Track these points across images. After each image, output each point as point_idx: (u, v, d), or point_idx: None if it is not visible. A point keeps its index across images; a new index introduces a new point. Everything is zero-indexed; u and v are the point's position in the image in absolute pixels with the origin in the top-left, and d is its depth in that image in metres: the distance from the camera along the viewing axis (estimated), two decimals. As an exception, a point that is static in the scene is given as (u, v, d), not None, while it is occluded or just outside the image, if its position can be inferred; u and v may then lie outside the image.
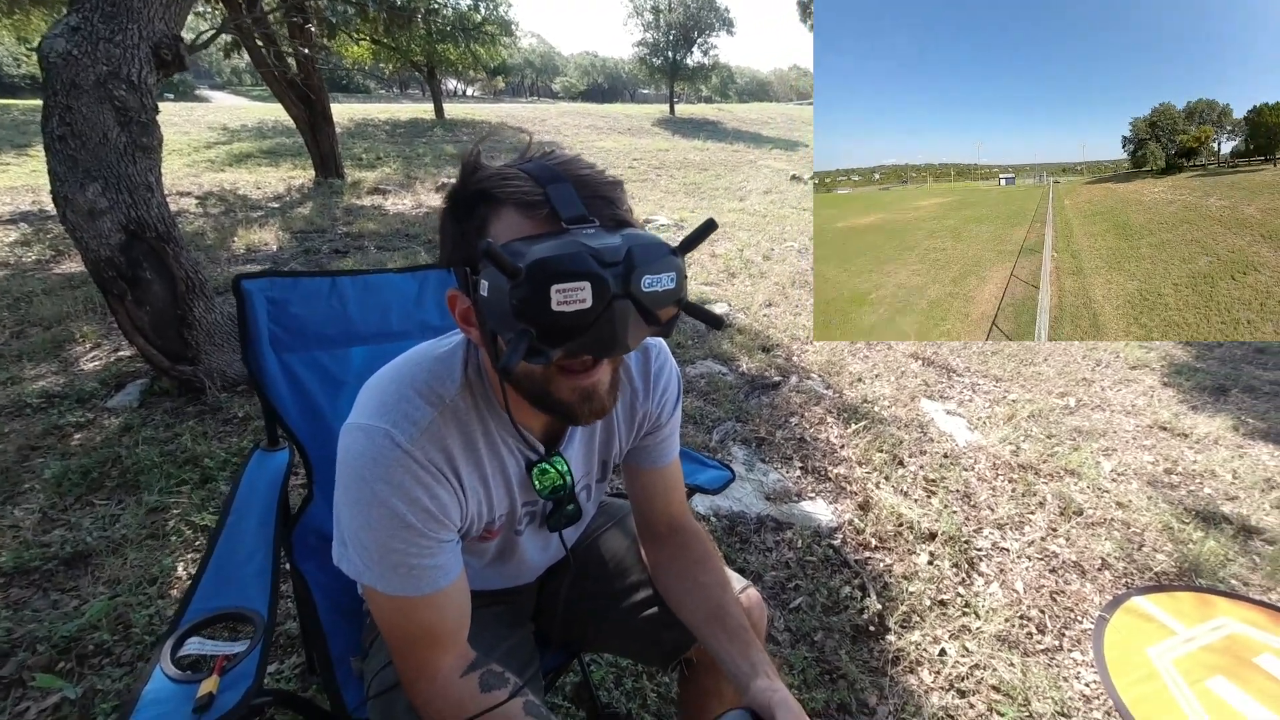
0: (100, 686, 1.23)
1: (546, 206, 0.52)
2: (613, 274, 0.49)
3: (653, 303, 0.51)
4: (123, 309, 2.07)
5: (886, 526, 1.87)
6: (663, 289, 0.52)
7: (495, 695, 0.65)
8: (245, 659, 0.67)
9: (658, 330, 0.54)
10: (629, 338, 0.51)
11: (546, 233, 0.52)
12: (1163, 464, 2.36)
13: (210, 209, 5.85)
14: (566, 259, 0.48)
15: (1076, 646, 1.53)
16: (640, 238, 0.51)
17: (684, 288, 0.54)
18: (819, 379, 2.87)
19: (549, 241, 0.49)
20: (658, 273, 0.51)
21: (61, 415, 2.15)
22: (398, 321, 1.05)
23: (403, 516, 0.60)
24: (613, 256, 0.49)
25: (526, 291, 0.47)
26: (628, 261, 0.49)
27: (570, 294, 0.47)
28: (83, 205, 1.89)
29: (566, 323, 0.48)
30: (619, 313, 0.50)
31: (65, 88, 1.80)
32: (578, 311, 0.48)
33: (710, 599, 0.78)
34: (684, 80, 24.24)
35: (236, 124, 12.33)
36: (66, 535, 1.62)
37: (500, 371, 0.51)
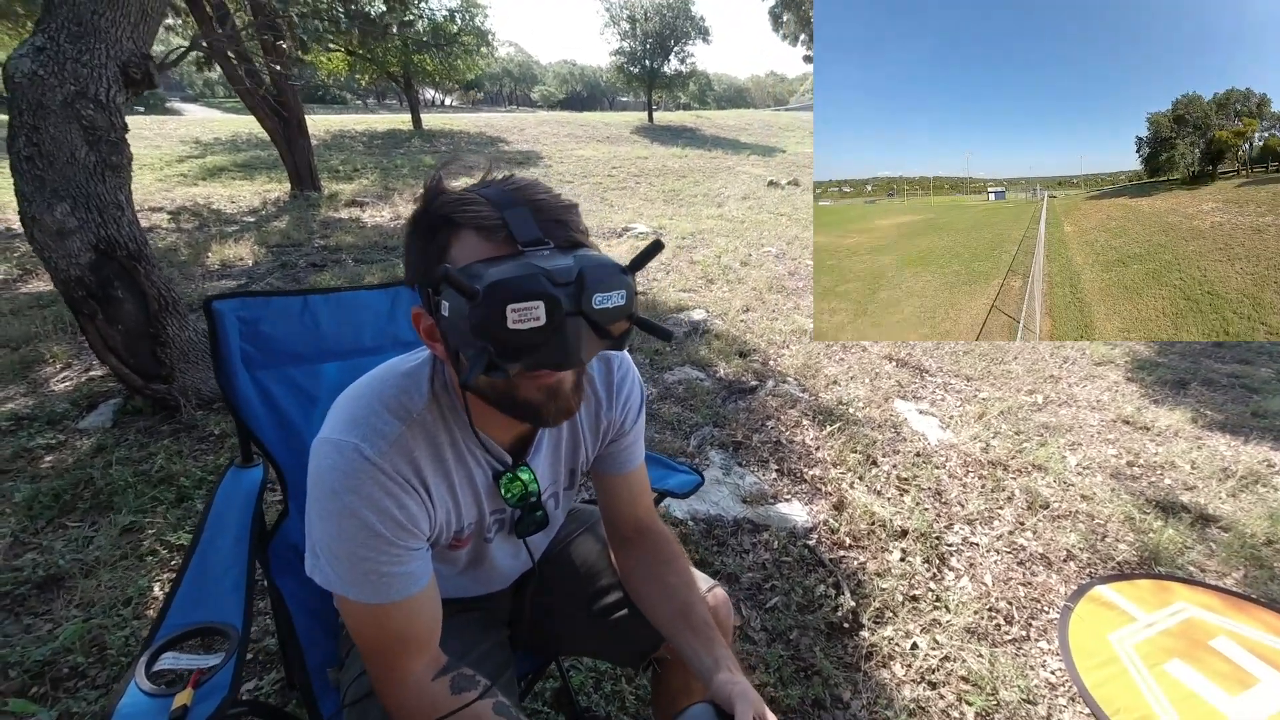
0: (75, 710, 1.22)
1: (504, 230, 0.56)
2: (565, 293, 0.52)
3: (604, 319, 0.55)
4: (94, 328, 2.05)
5: (860, 525, 1.92)
6: (613, 305, 0.55)
7: (466, 696, 0.67)
8: (220, 671, 0.69)
9: (611, 344, 0.58)
10: (582, 352, 0.55)
11: (504, 255, 0.55)
12: (1126, 457, 2.44)
13: (183, 224, 5.78)
14: (521, 280, 0.51)
15: (1043, 636, 1.59)
16: (591, 258, 0.55)
17: (634, 304, 0.58)
18: (795, 382, 2.92)
19: (505, 264, 0.52)
20: (608, 290, 0.55)
21: (31, 438, 2.11)
22: (370, 337, 1.07)
23: (372, 526, 0.62)
24: (565, 277, 0.53)
25: (484, 312, 0.51)
26: (579, 281, 0.53)
27: (525, 313, 0.51)
28: (51, 225, 1.88)
29: (522, 340, 0.52)
30: (571, 329, 0.53)
31: (31, 108, 1.80)
32: (532, 329, 0.52)
33: (677, 598, 0.81)
34: (662, 88, 24.41)
35: (209, 137, 12.18)
36: (38, 559, 1.60)
37: (462, 386, 0.54)
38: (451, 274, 0.50)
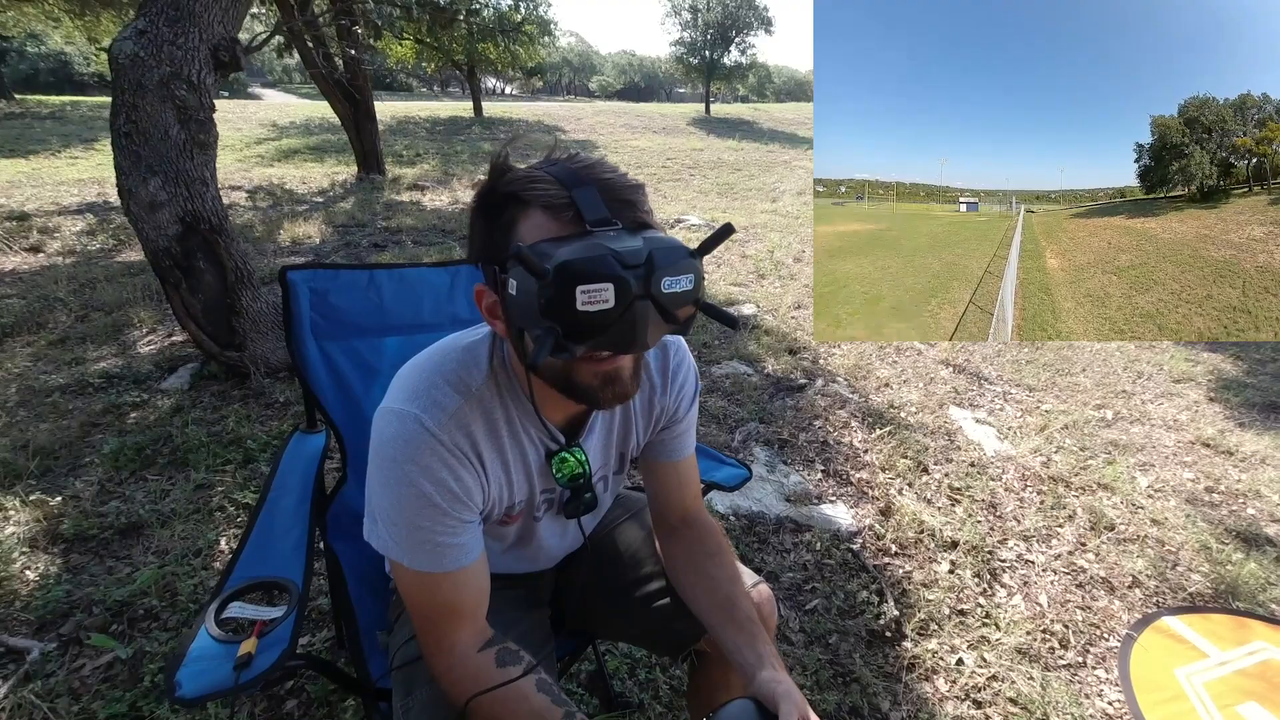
0: (148, 649, 1.32)
1: (572, 209, 0.55)
2: (634, 276, 0.52)
3: (671, 303, 0.54)
4: (178, 296, 2.19)
5: (908, 533, 1.86)
6: (681, 290, 0.54)
7: (510, 671, 0.68)
8: (281, 624, 0.72)
9: (676, 329, 0.57)
10: (648, 336, 0.55)
11: (571, 235, 0.55)
12: (1204, 482, 2.27)
13: (259, 203, 6.10)
14: (591, 261, 0.51)
15: (1101, 664, 1.50)
16: (660, 241, 0.54)
17: (701, 289, 0.57)
18: (845, 383, 2.85)
19: (574, 244, 0.52)
20: (677, 274, 0.54)
21: (119, 395, 2.28)
22: (430, 314, 1.10)
23: (429, 497, 0.64)
24: (634, 259, 0.52)
25: (553, 292, 0.50)
26: (648, 264, 0.52)
27: (594, 295, 0.50)
28: (144, 198, 2.01)
29: (590, 321, 0.52)
30: (639, 312, 0.53)
31: (132, 87, 1.92)
32: (601, 311, 0.51)
33: (720, 591, 0.81)
34: (720, 79, 24.12)
35: (285, 121, 12.79)
36: (121, 507, 1.73)
37: (528, 366, 0.54)
38: (524, 252, 0.50)
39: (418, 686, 0.74)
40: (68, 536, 1.61)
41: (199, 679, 0.64)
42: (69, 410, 2.20)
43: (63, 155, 8.43)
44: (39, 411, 2.18)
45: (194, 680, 0.64)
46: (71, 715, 1.17)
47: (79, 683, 1.24)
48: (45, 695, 1.20)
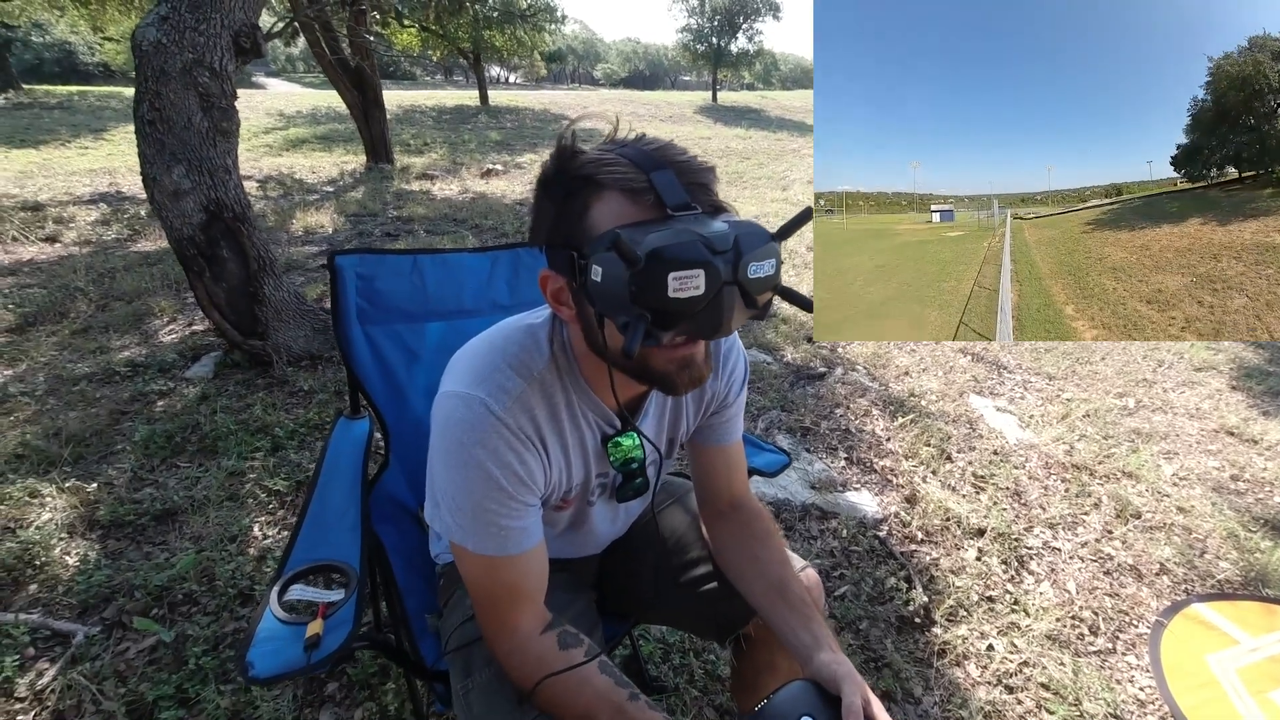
0: (190, 632, 1.33)
1: (651, 193, 0.54)
2: (723, 261, 0.52)
3: (755, 288, 0.54)
4: (201, 285, 2.19)
5: (934, 520, 1.86)
6: (765, 275, 0.54)
7: (572, 653, 0.69)
8: (343, 606, 0.73)
9: (756, 314, 0.57)
10: (732, 322, 0.54)
11: (653, 220, 0.54)
12: (1229, 470, 2.26)
13: (269, 192, 6.10)
14: (683, 247, 0.50)
15: (1131, 650, 1.50)
16: (743, 225, 0.54)
17: (780, 274, 0.56)
18: (864, 371, 2.84)
19: (662, 230, 0.51)
20: (761, 259, 0.54)
21: (146, 383, 2.30)
22: (470, 299, 1.10)
23: (496, 480, 0.64)
24: (722, 244, 0.52)
25: (645, 279, 0.50)
26: (736, 249, 0.52)
27: (686, 281, 0.50)
28: (168, 186, 2.01)
29: (680, 308, 0.51)
30: (727, 298, 0.53)
31: (155, 75, 1.92)
32: (691, 298, 0.51)
33: (771, 574, 0.81)
34: (727, 67, 23.88)
35: (292, 110, 12.75)
36: (155, 494, 1.75)
37: (622, 353, 0.54)
38: (622, 239, 0.49)
39: (477, 669, 0.75)
40: (104, 523, 1.63)
41: (271, 659, 0.65)
42: (97, 398, 2.22)
43: (72, 145, 8.45)
44: (68, 400, 2.20)
45: (266, 660, 0.65)
46: (119, 697, 1.19)
47: (124, 665, 1.26)
48: (93, 677, 1.22)
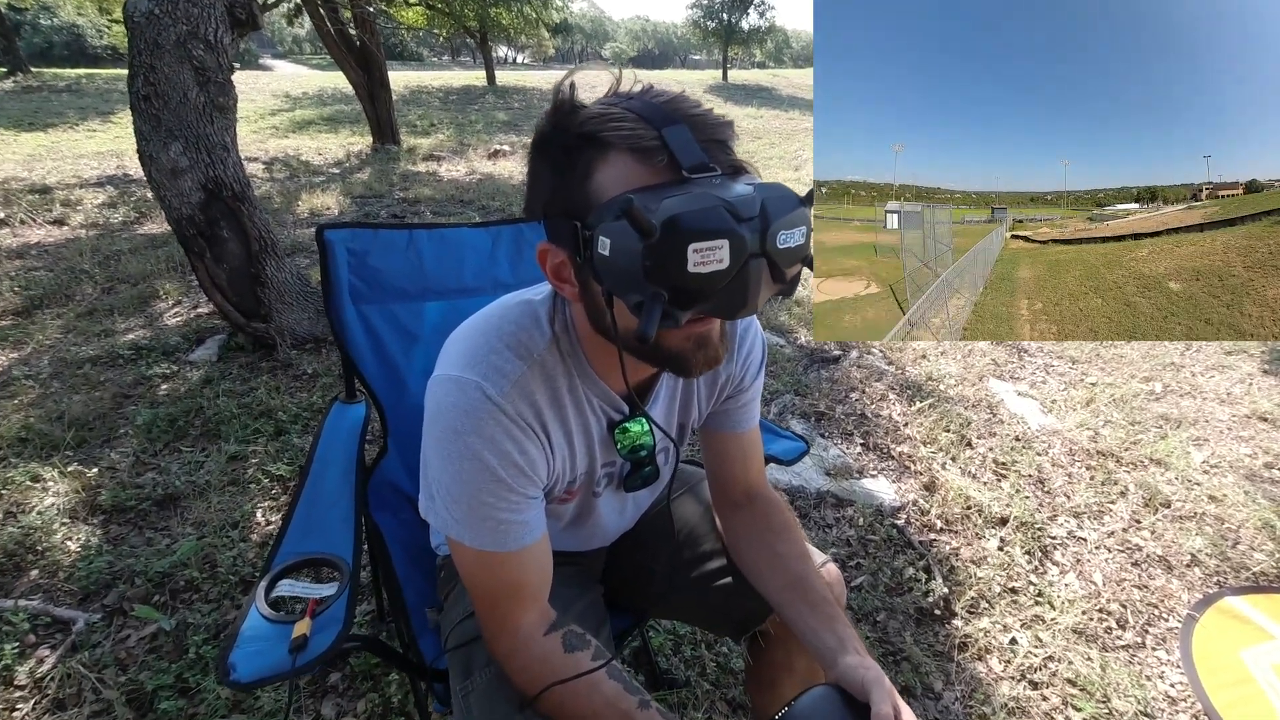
0: (191, 620, 1.31)
1: (664, 152, 0.47)
2: (749, 230, 0.45)
3: (785, 260, 0.47)
4: (203, 266, 2.15)
5: (953, 509, 1.80)
6: (795, 245, 0.47)
7: (578, 656, 0.64)
8: (334, 603, 0.69)
9: (783, 289, 0.50)
10: (758, 298, 0.48)
11: (667, 183, 0.47)
12: (1262, 457, 2.17)
13: (276, 174, 6.05)
14: (703, 214, 0.43)
15: (1161, 645, 1.44)
16: (770, 188, 0.47)
17: (810, 243, 0.50)
18: (880, 354, 2.76)
19: (678, 195, 0.45)
20: (791, 227, 0.47)
21: (149, 366, 2.27)
22: (471, 277, 1.04)
23: (494, 470, 0.59)
24: (748, 210, 0.45)
25: (661, 251, 0.43)
26: (763, 215, 0.45)
27: (708, 254, 0.43)
28: (166, 164, 1.96)
29: (700, 285, 0.45)
30: (753, 272, 0.46)
31: (149, 47, 1.85)
32: (713, 272, 0.44)
33: (790, 570, 0.75)
34: (738, 44, 23.41)
35: (298, 92, 12.65)
36: (157, 479, 1.72)
37: (637, 339, 0.47)
38: (634, 206, 0.42)
39: (477, 669, 0.71)
40: (106, 508, 1.61)
41: (254, 661, 0.61)
42: (100, 382, 2.20)
43: (80, 128, 8.43)
44: (71, 383, 2.18)
45: (248, 663, 0.60)
46: (119, 686, 1.17)
47: (125, 653, 1.24)
48: (93, 666, 1.20)
